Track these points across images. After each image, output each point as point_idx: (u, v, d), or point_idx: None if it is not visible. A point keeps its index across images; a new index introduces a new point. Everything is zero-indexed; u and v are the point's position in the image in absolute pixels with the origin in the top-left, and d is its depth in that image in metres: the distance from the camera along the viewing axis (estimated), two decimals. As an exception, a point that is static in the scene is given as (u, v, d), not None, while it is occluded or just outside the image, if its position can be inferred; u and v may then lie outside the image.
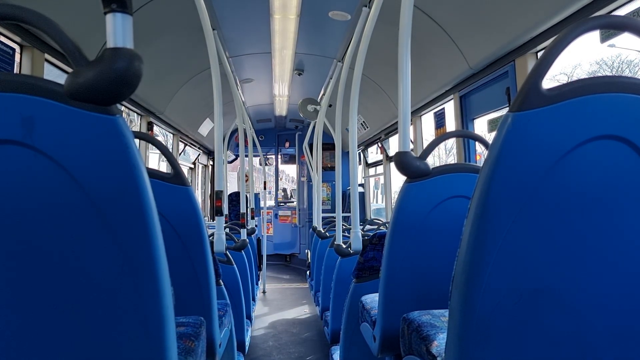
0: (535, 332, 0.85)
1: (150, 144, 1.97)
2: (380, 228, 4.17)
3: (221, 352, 1.78)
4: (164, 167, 5.85)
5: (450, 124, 3.43)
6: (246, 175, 4.62)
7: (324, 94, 5.02)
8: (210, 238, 2.22)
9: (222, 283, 2.23)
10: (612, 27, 0.90)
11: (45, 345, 0.76)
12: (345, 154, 6.34)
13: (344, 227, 3.90)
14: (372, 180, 7.12)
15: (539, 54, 2.29)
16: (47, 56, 2.19)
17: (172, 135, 4.84)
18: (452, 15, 2.61)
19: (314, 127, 5.25)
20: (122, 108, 3.49)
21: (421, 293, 1.62)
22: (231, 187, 8.65)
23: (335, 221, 3.65)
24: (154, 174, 1.64)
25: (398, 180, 5.47)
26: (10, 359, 0.75)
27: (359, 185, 6.75)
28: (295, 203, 8.49)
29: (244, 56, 4.25)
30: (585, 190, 0.83)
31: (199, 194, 7.03)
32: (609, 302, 0.86)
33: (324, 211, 6.28)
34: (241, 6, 3.16)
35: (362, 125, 5.72)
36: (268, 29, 3.55)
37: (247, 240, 3.60)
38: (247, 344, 3.16)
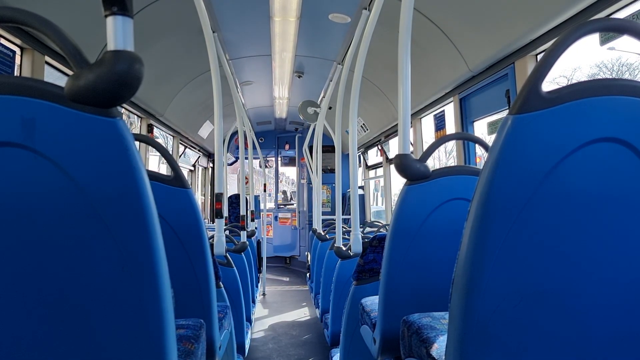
0: (536, 335, 0.85)
1: (150, 146, 1.97)
2: (380, 230, 4.17)
3: (221, 355, 1.78)
4: (164, 169, 5.85)
5: (450, 127, 3.43)
6: (246, 178, 4.62)
7: (323, 97, 5.03)
8: (210, 240, 2.22)
9: (222, 285, 2.22)
10: (611, 30, 0.90)
11: (46, 346, 0.75)
12: (345, 156, 6.34)
13: (343, 229, 3.90)
14: (372, 182, 7.13)
15: (539, 57, 2.29)
16: (47, 58, 2.19)
17: (172, 137, 4.84)
18: (452, 17, 2.61)
19: (314, 129, 5.25)
20: (122, 110, 3.49)
21: (421, 295, 1.62)
22: (231, 189, 8.65)
23: (335, 223, 3.65)
24: (154, 176, 1.64)
25: (398, 182, 5.47)
26: (11, 358, 0.75)
27: (359, 187, 6.75)
28: (295, 205, 8.49)
29: (244, 58, 4.26)
30: (585, 192, 0.83)
31: (199, 196, 7.03)
32: (609, 305, 0.86)
33: (323, 213, 6.27)
34: (241, 9, 3.16)
35: (362, 127, 5.72)
36: (268, 31, 3.56)
37: (247, 242, 3.61)
38: (246, 346, 3.15)
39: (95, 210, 0.73)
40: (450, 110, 3.35)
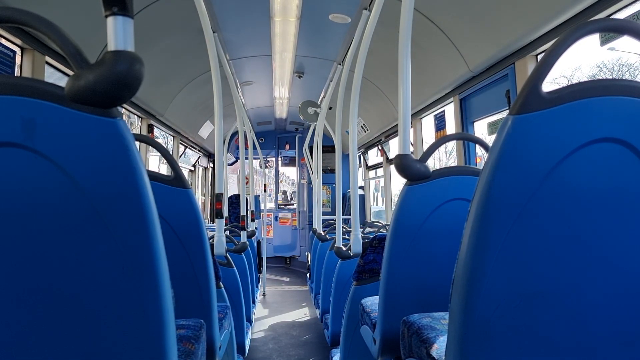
0: (536, 335, 0.85)
1: (150, 147, 1.97)
2: (380, 230, 4.17)
3: (221, 355, 1.78)
4: (164, 169, 5.85)
5: (451, 127, 3.43)
6: (246, 178, 4.63)
7: (324, 97, 5.03)
8: (211, 240, 2.22)
9: (222, 285, 2.22)
10: (611, 30, 0.90)
11: (45, 347, 0.75)
12: (346, 156, 6.34)
13: (344, 229, 3.90)
14: (372, 182, 7.13)
15: (539, 57, 2.29)
16: (47, 59, 2.19)
17: (172, 137, 4.85)
18: (452, 18, 2.61)
19: (314, 129, 5.26)
20: (123, 110, 3.49)
21: (421, 295, 1.62)
22: (231, 189, 8.65)
23: (335, 224, 3.65)
24: (154, 176, 1.64)
25: (398, 182, 5.47)
26: (11, 359, 0.75)
27: (359, 187, 6.75)
28: (295, 205, 8.49)
29: (244, 59, 4.26)
30: (585, 192, 0.83)
31: (199, 197, 7.03)
32: (609, 305, 0.86)
33: (324, 214, 6.27)
34: (241, 9, 3.16)
35: (362, 127, 5.72)
36: (268, 31, 3.56)
37: (247, 242, 3.60)
38: (247, 346, 3.15)
39: (95, 210, 0.73)
40: (450, 111, 3.36)
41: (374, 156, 6.50)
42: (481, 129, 3.16)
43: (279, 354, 3.64)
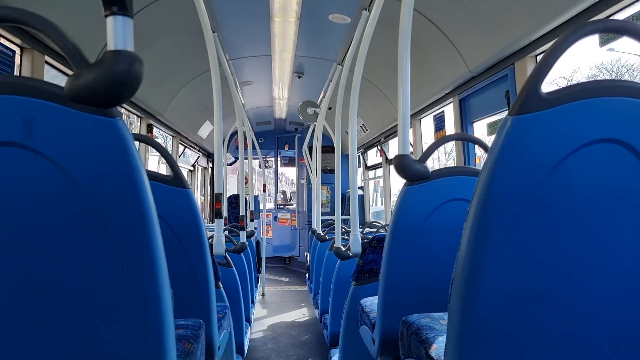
0: (535, 336, 0.85)
1: (150, 146, 1.98)
2: (380, 231, 4.17)
3: (220, 355, 1.78)
4: (163, 169, 5.85)
5: (450, 127, 3.43)
6: (246, 178, 4.62)
7: (323, 97, 5.03)
8: (210, 240, 2.22)
9: (221, 285, 2.22)
10: (611, 31, 0.90)
11: (45, 346, 0.75)
12: (345, 156, 6.34)
13: (343, 229, 3.90)
14: (371, 183, 7.13)
15: (539, 58, 2.30)
16: (47, 58, 2.19)
17: (171, 137, 4.84)
18: (452, 18, 2.62)
19: (313, 129, 5.26)
20: (122, 110, 3.49)
21: (420, 296, 1.62)
22: (231, 189, 8.65)
23: (334, 224, 3.65)
24: (153, 176, 1.64)
25: (397, 183, 5.47)
26: (11, 358, 0.75)
27: (359, 188, 6.75)
28: (294, 205, 8.49)
29: (244, 59, 4.26)
30: (584, 193, 0.83)
31: (199, 197, 7.03)
32: (608, 305, 0.86)
33: (323, 214, 6.27)
34: (241, 9, 3.16)
35: (362, 128, 5.73)
36: (268, 31, 3.56)
37: (247, 242, 3.61)
38: (246, 346, 3.15)
39: (95, 210, 0.73)
40: (450, 111, 3.36)
41: (373, 156, 6.50)
42: (481, 129, 3.17)
43: (278, 354, 3.64)
